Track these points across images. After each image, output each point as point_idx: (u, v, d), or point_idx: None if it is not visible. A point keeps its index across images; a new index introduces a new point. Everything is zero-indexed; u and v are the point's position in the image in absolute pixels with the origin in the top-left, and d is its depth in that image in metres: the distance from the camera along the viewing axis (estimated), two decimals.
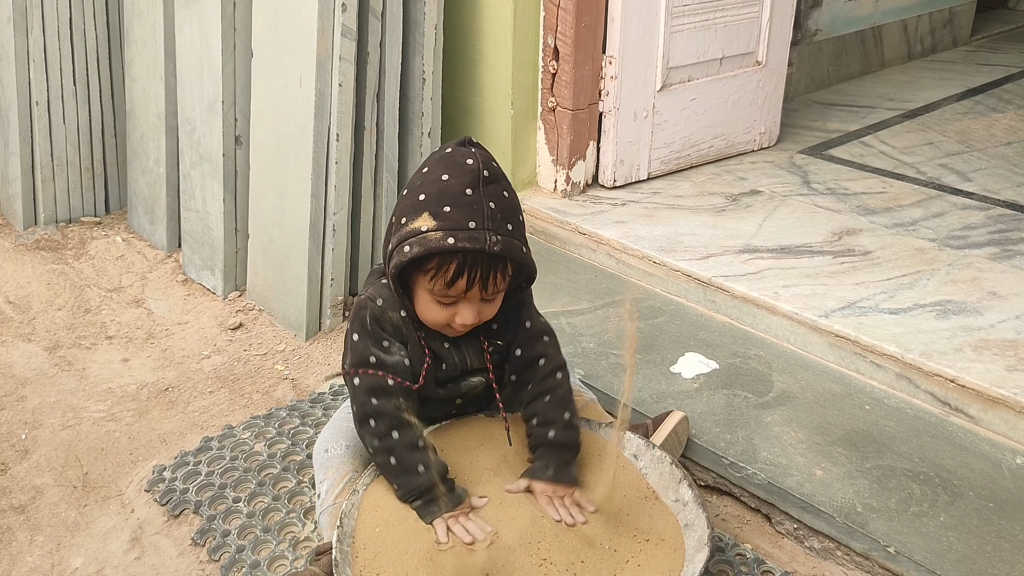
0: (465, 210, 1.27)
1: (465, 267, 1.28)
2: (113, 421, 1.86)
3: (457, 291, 1.30)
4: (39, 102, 2.50)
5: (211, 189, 2.29)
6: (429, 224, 1.27)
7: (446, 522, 1.31)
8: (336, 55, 2.01)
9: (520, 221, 1.34)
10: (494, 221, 1.28)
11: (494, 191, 1.30)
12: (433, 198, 1.28)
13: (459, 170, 1.29)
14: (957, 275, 2.05)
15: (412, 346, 1.39)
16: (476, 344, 1.42)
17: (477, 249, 1.26)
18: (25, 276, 2.36)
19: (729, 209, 2.39)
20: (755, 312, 1.97)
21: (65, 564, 1.51)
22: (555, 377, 1.45)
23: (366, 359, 1.36)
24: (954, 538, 1.42)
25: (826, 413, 1.71)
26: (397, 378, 1.36)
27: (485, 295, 1.33)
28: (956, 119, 3.15)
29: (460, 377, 1.44)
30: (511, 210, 1.32)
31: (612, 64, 2.36)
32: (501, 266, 1.31)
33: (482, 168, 1.29)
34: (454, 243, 1.26)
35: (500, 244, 1.28)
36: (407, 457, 1.33)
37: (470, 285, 1.30)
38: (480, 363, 1.43)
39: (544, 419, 1.42)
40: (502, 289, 1.35)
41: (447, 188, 1.28)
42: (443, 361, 1.41)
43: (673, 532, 1.34)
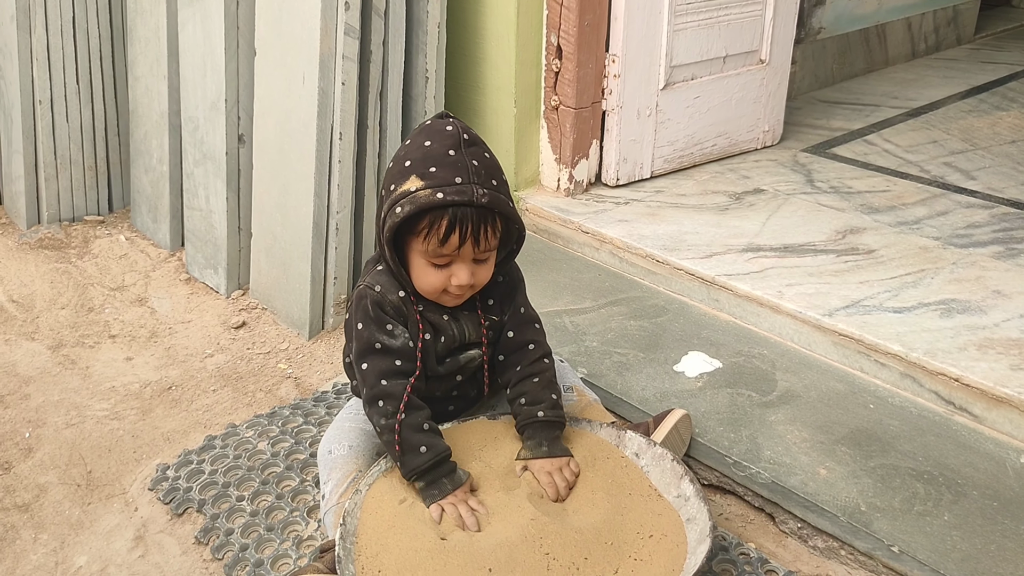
0: (450, 168, 1.34)
1: (456, 221, 1.33)
2: (117, 419, 1.87)
3: (451, 248, 1.35)
4: (42, 100, 2.50)
5: (214, 188, 2.29)
6: (417, 184, 1.33)
7: (442, 507, 1.35)
8: (339, 54, 2.01)
9: (503, 181, 1.40)
10: (479, 176, 1.34)
11: (475, 152, 1.37)
12: (419, 162, 1.35)
13: (440, 135, 1.37)
14: (961, 274, 2.04)
15: (411, 324, 1.44)
16: (474, 317, 1.48)
17: (465, 201, 1.32)
18: (29, 275, 2.36)
19: (732, 208, 2.39)
20: (759, 311, 1.96)
21: (69, 562, 1.52)
22: (543, 362, 1.51)
23: (372, 345, 1.41)
24: (958, 537, 1.41)
25: (830, 412, 1.71)
26: (404, 361, 1.41)
27: (477, 252, 1.37)
28: (960, 117, 3.15)
29: (459, 350, 1.48)
30: (494, 168, 1.38)
31: (615, 62, 2.36)
32: (491, 219, 1.36)
33: (462, 132, 1.37)
34: (443, 197, 1.31)
35: (487, 196, 1.34)
36: (411, 438, 1.37)
37: (463, 239, 1.34)
38: (477, 336, 1.48)
39: (532, 399, 1.47)
40: (494, 246, 1.40)
41: (431, 151, 1.35)
42: (442, 334, 1.45)
43: (675, 528, 1.34)
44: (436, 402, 1.52)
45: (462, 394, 1.56)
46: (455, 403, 1.56)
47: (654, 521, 1.36)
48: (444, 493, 1.36)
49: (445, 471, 1.38)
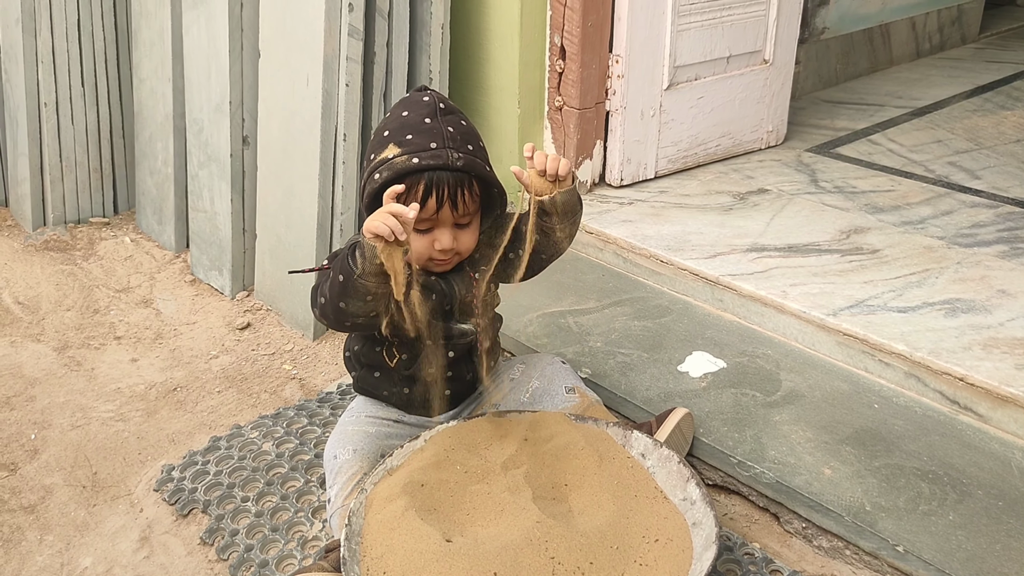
0: (426, 135, 1.38)
1: (433, 185, 1.36)
2: (122, 421, 1.87)
3: (429, 212, 1.38)
4: (47, 103, 2.51)
5: (219, 189, 2.30)
6: (395, 151, 1.38)
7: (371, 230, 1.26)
8: (343, 55, 2.02)
9: (480, 147, 1.43)
10: (454, 141, 1.38)
11: (451, 119, 1.41)
12: (396, 131, 1.40)
13: (417, 105, 1.41)
14: (966, 273, 2.04)
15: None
16: (463, 275, 1.50)
17: (440, 165, 1.36)
18: (34, 277, 2.37)
19: (736, 208, 2.39)
20: (763, 311, 1.96)
21: (75, 563, 1.52)
22: None
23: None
24: (963, 537, 1.41)
25: (834, 412, 1.70)
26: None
27: (457, 216, 1.40)
28: (965, 117, 3.14)
29: (451, 314, 1.49)
30: (470, 135, 1.42)
31: (619, 63, 2.36)
32: (467, 183, 1.39)
33: (438, 102, 1.41)
34: (418, 162, 1.35)
35: (462, 160, 1.37)
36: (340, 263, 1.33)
37: (440, 202, 1.37)
38: (468, 291, 1.49)
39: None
40: (472, 210, 1.43)
41: (407, 120, 1.40)
42: (432, 291, 1.47)
43: (681, 531, 1.34)
44: (431, 385, 1.52)
45: (457, 375, 1.56)
46: (451, 385, 1.56)
47: (660, 525, 1.36)
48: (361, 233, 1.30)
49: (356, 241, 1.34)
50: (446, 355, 1.53)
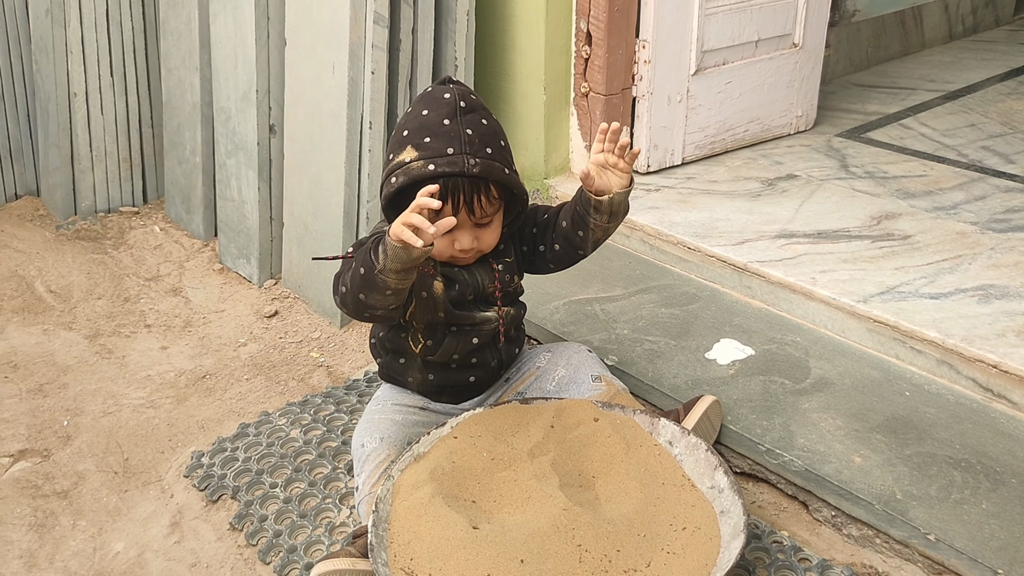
0: (443, 138, 1.36)
1: (448, 192, 1.35)
2: (152, 408, 1.89)
3: (446, 216, 1.35)
4: (77, 93, 2.53)
5: (246, 178, 2.31)
6: (412, 155, 1.36)
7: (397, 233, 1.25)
8: (368, 43, 2.01)
9: (502, 145, 1.41)
10: (472, 145, 1.36)
11: (471, 119, 1.38)
12: (415, 132, 1.38)
13: (437, 104, 1.39)
14: (1000, 259, 2.01)
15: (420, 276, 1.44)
16: (486, 266, 1.50)
17: (456, 172, 1.35)
18: (66, 266, 2.40)
19: (765, 194, 2.37)
20: (792, 298, 1.94)
21: (107, 548, 1.54)
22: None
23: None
24: (996, 526, 1.39)
25: (865, 399, 1.68)
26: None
27: (474, 218, 1.39)
28: (999, 100, 3.09)
29: (474, 304, 1.50)
30: (490, 135, 1.39)
31: (645, 48, 2.34)
32: (483, 188, 1.38)
33: (459, 100, 1.39)
34: (434, 169, 1.34)
35: (479, 166, 1.36)
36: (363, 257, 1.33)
37: (456, 208, 1.37)
38: (490, 281, 1.50)
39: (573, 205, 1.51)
40: (491, 212, 1.42)
41: (427, 121, 1.38)
42: (456, 281, 1.47)
43: (709, 520, 1.34)
44: (456, 371, 1.53)
45: (481, 361, 1.56)
46: (475, 372, 1.57)
47: (687, 513, 1.35)
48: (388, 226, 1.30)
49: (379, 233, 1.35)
50: (470, 341, 1.53)
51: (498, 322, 1.53)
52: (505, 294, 1.54)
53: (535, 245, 1.56)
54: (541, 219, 1.56)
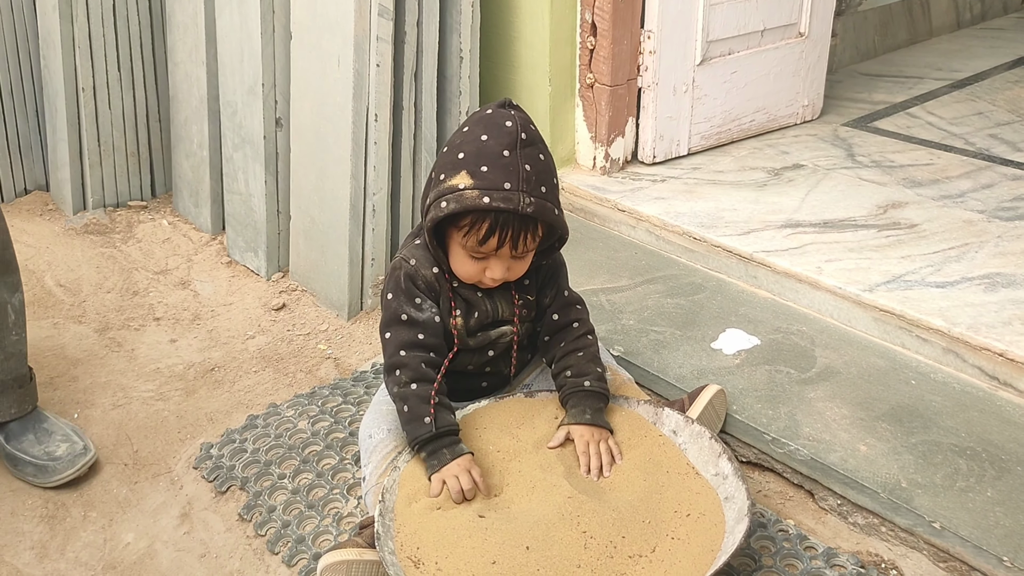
0: (501, 171, 1.33)
1: (497, 226, 1.35)
2: (162, 400, 1.90)
3: (488, 248, 1.38)
4: (85, 88, 2.54)
5: (253, 171, 2.32)
6: (467, 182, 1.34)
7: (444, 480, 1.36)
8: (374, 35, 2.02)
9: (554, 184, 1.40)
10: (529, 183, 1.34)
11: (530, 153, 1.36)
12: (472, 157, 1.35)
13: (498, 131, 1.35)
14: (1007, 247, 2.00)
15: (443, 299, 1.47)
16: (507, 296, 1.50)
17: (510, 209, 1.33)
18: (75, 260, 2.41)
19: (771, 184, 2.36)
20: (797, 287, 1.94)
21: (117, 539, 1.56)
22: (587, 338, 1.54)
23: (398, 316, 1.44)
24: (1001, 513, 1.39)
25: (870, 388, 1.69)
26: (427, 335, 1.44)
27: (515, 253, 1.39)
28: (1007, 88, 3.07)
29: (491, 325, 1.51)
30: (546, 173, 1.38)
31: (651, 39, 2.34)
32: (532, 227, 1.38)
33: (520, 131, 1.36)
34: (489, 202, 1.32)
35: (533, 206, 1.34)
36: (418, 408, 1.40)
37: (501, 244, 1.37)
38: (510, 313, 1.50)
39: (578, 371, 1.49)
40: (532, 249, 1.42)
41: (485, 148, 1.35)
42: (475, 309, 1.48)
43: (713, 506, 1.34)
44: (469, 377, 1.54)
45: (495, 370, 1.57)
46: (488, 379, 1.57)
47: (692, 500, 1.36)
48: (443, 463, 1.37)
49: (446, 443, 1.39)
50: (485, 354, 1.54)
51: (512, 335, 1.53)
52: (522, 316, 1.54)
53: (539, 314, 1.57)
54: (555, 304, 1.56)
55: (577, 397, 1.48)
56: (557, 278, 1.55)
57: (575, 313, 1.56)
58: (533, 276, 1.52)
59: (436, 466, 1.38)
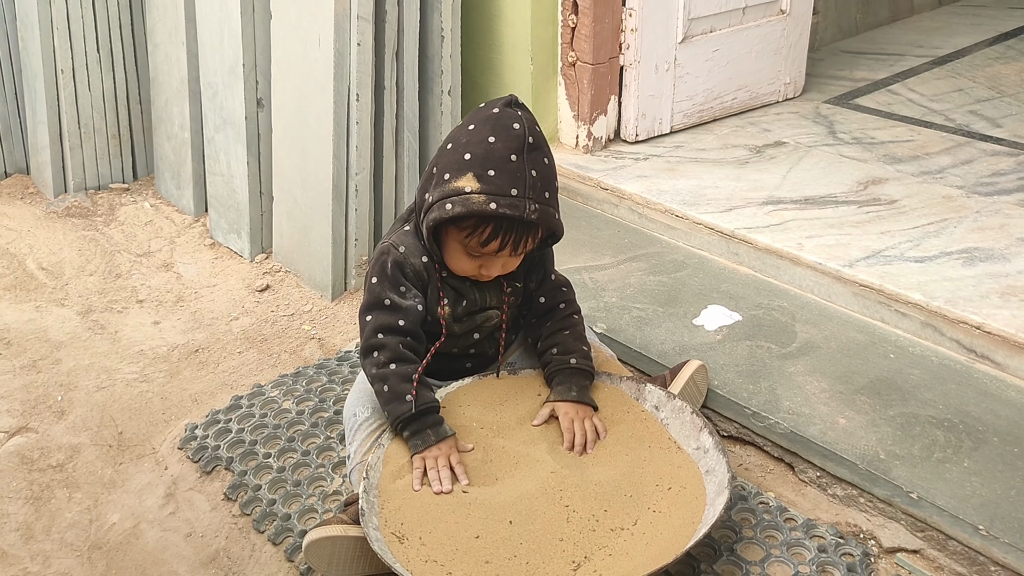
0: (509, 176, 1.33)
1: (501, 231, 1.36)
2: (146, 382, 1.91)
3: (489, 250, 1.38)
4: (64, 70, 2.52)
5: (235, 153, 2.31)
6: (473, 186, 1.33)
7: (424, 459, 1.37)
8: (354, 14, 2.01)
9: (555, 188, 1.41)
10: (534, 190, 1.34)
11: (536, 158, 1.36)
12: (479, 160, 1.34)
13: (506, 134, 1.34)
14: (985, 222, 2.02)
15: (432, 289, 1.47)
16: (497, 285, 1.50)
17: (516, 216, 1.33)
18: (57, 243, 2.40)
19: (753, 161, 2.37)
20: (778, 263, 1.96)
21: (103, 520, 1.56)
22: (573, 318, 1.56)
23: (381, 301, 1.44)
24: (978, 483, 1.42)
25: (850, 362, 1.70)
26: (407, 321, 1.44)
27: (514, 255, 1.41)
28: (987, 64, 3.09)
29: (477, 311, 1.51)
30: (550, 178, 1.39)
31: (632, 16, 2.33)
32: (534, 232, 1.39)
33: (528, 134, 1.35)
34: (495, 208, 1.32)
35: (537, 213, 1.35)
36: (398, 387, 1.41)
37: (502, 247, 1.38)
38: (498, 301, 1.51)
39: (565, 349, 1.51)
40: (530, 249, 1.43)
41: (493, 152, 1.34)
42: (464, 298, 1.49)
43: (694, 480, 1.36)
44: (453, 359, 1.54)
45: (480, 352, 1.58)
46: (472, 360, 1.58)
47: (673, 473, 1.38)
48: (427, 444, 1.38)
49: (430, 422, 1.40)
50: (471, 337, 1.54)
51: (499, 319, 1.54)
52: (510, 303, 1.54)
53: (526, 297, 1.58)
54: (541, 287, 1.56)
55: (563, 375, 1.49)
56: (544, 263, 1.56)
57: (561, 295, 1.57)
58: (521, 264, 1.52)
59: (420, 446, 1.39)
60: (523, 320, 1.60)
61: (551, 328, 1.54)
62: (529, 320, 1.58)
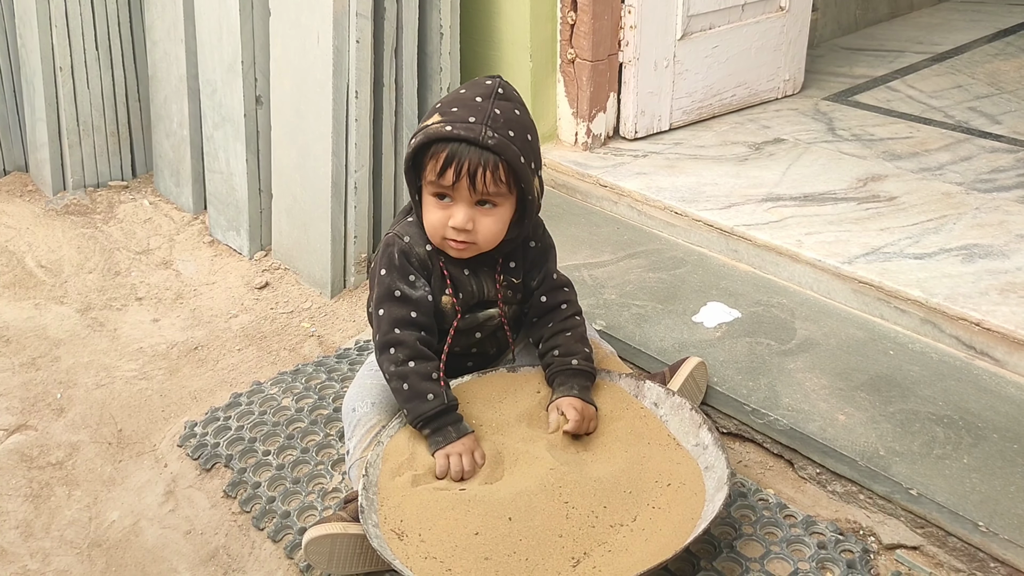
0: (469, 109, 1.36)
1: (455, 155, 1.35)
2: (145, 379, 1.90)
3: (447, 181, 1.36)
4: (63, 68, 2.52)
5: (234, 150, 2.31)
6: (435, 119, 1.37)
7: (448, 456, 1.37)
8: (353, 11, 2.01)
9: (528, 140, 1.39)
10: (495, 122, 1.35)
11: (505, 106, 1.38)
12: (446, 103, 1.39)
13: (477, 86, 1.40)
14: (984, 219, 2.02)
15: (436, 277, 1.47)
16: (491, 276, 1.50)
17: (470, 138, 1.34)
18: (56, 240, 2.40)
19: (752, 158, 2.37)
20: (778, 260, 1.96)
21: (102, 517, 1.56)
22: (575, 319, 1.55)
23: (392, 292, 1.44)
24: (977, 480, 1.42)
25: (849, 359, 1.70)
26: (420, 313, 1.44)
27: (475, 194, 1.37)
28: (986, 61, 3.09)
29: (477, 307, 1.51)
30: (518, 125, 1.38)
31: (631, 13, 2.33)
32: (492, 164, 1.35)
33: (499, 87, 1.39)
34: (450, 130, 1.34)
35: (495, 140, 1.34)
36: (419, 385, 1.41)
37: (458, 175, 1.35)
38: (493, 295, 1.51)
39: (566, 351, 1.50)
40: (493, 194, 1.38)
41: (461, 97, 1.39)
42: (460, 289, 1.48)
43: (694, 476, 1.36)
44: (454, 358, 1.54)
45: (481, 351, 1.57)
46: (474, 359, 1.58)
47: (672, 470, 1.38)
48: (448, 441, 1.39)
49: (451, 420, 1.41)
50: (472, 336, 1.54)
51: (500, 318, 1.54)
52: (506, 298, 1.54)
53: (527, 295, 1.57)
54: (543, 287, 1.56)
55: (565, 375, 1.49)
56: (546, 261, 1.55)
57: (563, 295, 1.56)
58: (519, 259, 1.52)
59: (441, 443, 1.38)
60: (524, 319, 1.59)
61: (552, 330, 1.53)
62: (530, 319, 1.57)
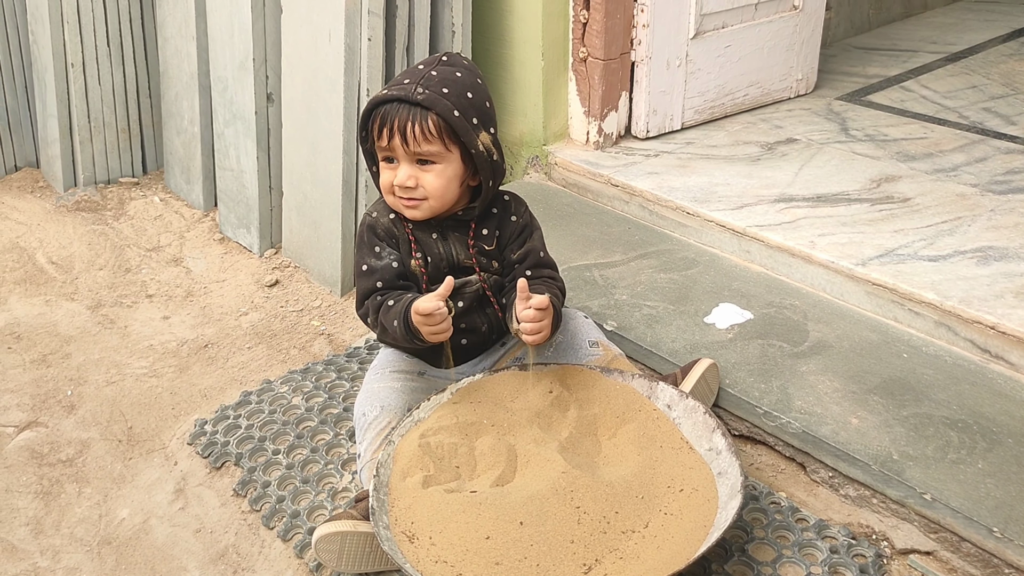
0: (408, 75, 1.45)
1: (388, 114, 1.42)
2: (155, 377, 1.90)
3: (384, 141, 1.44)
4: (74, 64, 2.52)
5: (245, 147, 2.31)
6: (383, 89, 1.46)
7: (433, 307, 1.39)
8: (365, 8, 2.00)
9: (467, 97, 1.44)
10: (428, 80, 1.42)
11: (445, 69, 1.45)
12: (397, 75, 1.47)
13: (429, 59, 1.49)
14: (999, 220, 2.00)
15: (403, 243, 1.53)
16: (463, 240, 1.53)
17: (399, 97, 1.41)
18: (67, 237, 2.40)
19: (764, 158, 2.36)
20: (790, 261, 1.94)
21: (112, 515, 1.56)
22: (556, 284, 1.57)
23: (360, 268, 1.53)
24: (992, 485, 1.40)
25: (862, 362, 1.69)
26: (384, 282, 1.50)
27: (407, 149, 1.43)
28: (1001, 61, 3.07)
29: (451, 273, 1.52)
30: (456, 84, 1.44)
31: (644, 12, 2.32)
32: (420, 117, 1.41)
33: (443, 55, 1.48)
34: (386, 93, 1.43)
35: (424, 95, 1.40)
36: (389, 320, 1.45)
37: (391, 134, 1.42)
38: (466, 257, 1.53)
39: (537, 291, 1.50)
40: (427, 149, 1.43)
41: (410, 68, 1.49)
42: (428, 253, 1.52)
43: (706, 481, 1.35)
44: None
45: (471, 326, 1.57)
46: (466, 336, 1.57)
47: (685, 475, 1.37)
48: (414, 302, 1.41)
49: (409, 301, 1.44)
50: (455, 305, 1.53)
51: (479, 284, 1.53)
52: (482, 264, 1.54)
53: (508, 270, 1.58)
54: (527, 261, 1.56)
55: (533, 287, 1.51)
56: (529, 237, 1.58)
57: (547, 271, 1.58)
58: (492, 227, 1.55)
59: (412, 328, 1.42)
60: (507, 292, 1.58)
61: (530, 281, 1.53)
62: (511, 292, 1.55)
